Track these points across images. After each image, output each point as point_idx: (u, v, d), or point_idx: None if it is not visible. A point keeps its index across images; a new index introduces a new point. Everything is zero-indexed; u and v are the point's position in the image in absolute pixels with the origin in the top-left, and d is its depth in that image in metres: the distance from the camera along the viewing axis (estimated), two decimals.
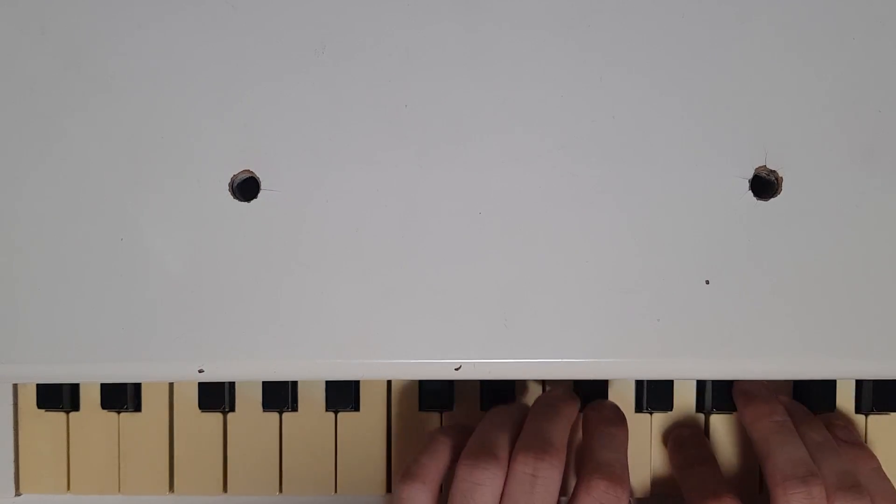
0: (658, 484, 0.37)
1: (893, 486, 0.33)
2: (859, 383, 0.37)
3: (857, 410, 0.37)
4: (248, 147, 0.30)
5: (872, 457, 0.34)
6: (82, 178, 0.30)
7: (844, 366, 0.29)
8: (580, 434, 0.35)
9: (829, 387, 0.37)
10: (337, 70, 0.30)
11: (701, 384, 0.37)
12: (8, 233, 0.30)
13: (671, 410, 0.37)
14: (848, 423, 0.37)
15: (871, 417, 0.37)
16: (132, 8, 0.30)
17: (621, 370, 0.30)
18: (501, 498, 0.30)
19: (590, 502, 0.30)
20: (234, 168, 0.30)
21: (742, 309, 0.29)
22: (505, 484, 0.30)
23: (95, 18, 0.30)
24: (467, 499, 0.30)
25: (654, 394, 0.37)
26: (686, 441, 0.36)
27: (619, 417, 0.35)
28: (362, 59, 0.30)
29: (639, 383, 0.37)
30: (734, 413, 0.36)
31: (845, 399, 0.37)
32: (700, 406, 0.37)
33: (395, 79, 0.30)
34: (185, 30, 0.30)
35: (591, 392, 0.37)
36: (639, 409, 0.37)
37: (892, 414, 0.37)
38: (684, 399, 0.37)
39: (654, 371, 0.30)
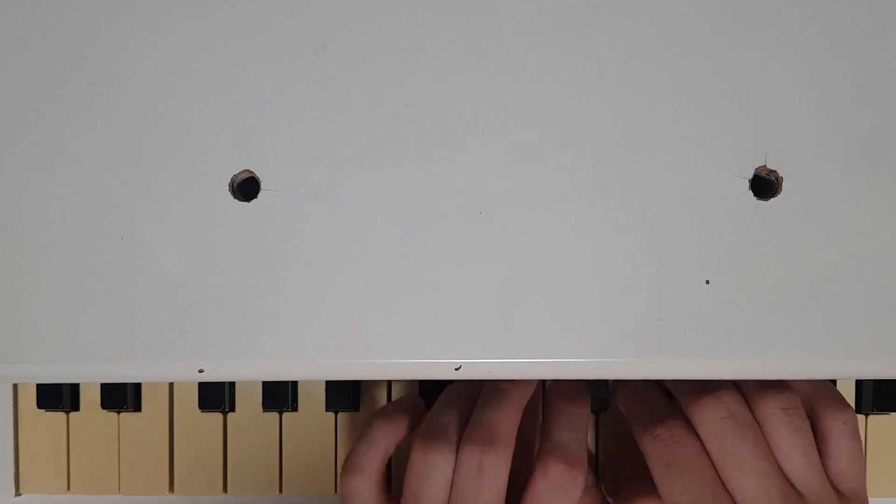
0: None
1: (835, 388, 0.32)
2: (859, 383, 0.37)
3: (857, 410, 0.37)
4: (248, 147, 0.30)
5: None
6: (82, 178, 0.30)
7: (844, 366, 0.29)
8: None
9: None
10: (337, 70, 0.30)
11: None
12: (8, 233, 0.30)
13: None
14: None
15: (871, 417, 0.37)
16: (132, 8, 0.30)
17: (621, 370, 0.30)
18: (451, 488, 0.30)
19: (546, 486, 0.30)
20: (234, 168, 0.30)
21: (742, 309, 0.29)
22: (453, 474, 0.30)
23: (95, 18, 0.30)
24: (421, 482, 0.30)
25: None
26: (633, 384, 0.36)
27: (580, 394, 0.34)
28: (362, 59, 0.30)
29: None
30: None
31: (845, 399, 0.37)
32: None
33: (395, 79, 0.30)
34: (185, 29, 0.30)
35: (592, 392, 0.37)
36: None
37: (892, 414, 0.37)
38: None
39: (654, 371, 0.30)
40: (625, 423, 0.37)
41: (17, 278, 0.30)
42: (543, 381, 0.37)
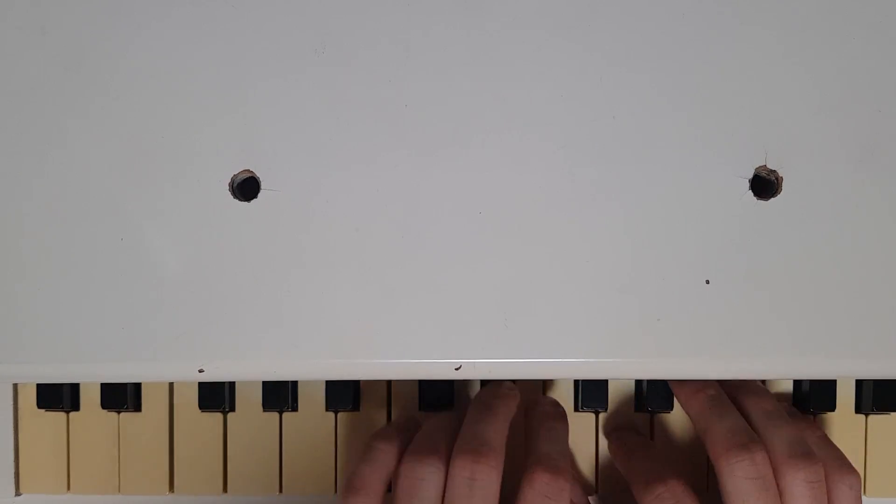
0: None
1: (841, 451, 0.33)
2: (859, 383, 0.37)
3: (857, 410, 0.37)
4: (248, 147, 0.30)
5: (818, 427, 0.35)
6: (82, 178, 0.30)
7: (844, 366, 0.29)
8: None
9: (829, 387, 0.37)
10: (337, 70, 0.30)
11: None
12: (8, 233, 0.30)
13: (671, 411, 0.37)
14: (789, 403, 0.37)
15: (871, 417, 0.37)
16: (132, 8, 0.30)
17: (621, 370, 0.30)
18: (442, 501, 0.30)
19: (533, 496, 0.30)
20: (234, 168, 0.30)
21: (742, 309, 0.29)
22: (445, 488, 0.30)
23: (96, 19, 0.30)
24: (410, 495, 0.30)
25: (655, 394, 0.37)
26: (626, 433, 0.37)
27: (558, 412, 0.35)
28: (362, 59, 0.30)
29: (638, 383, 0.37)
30: None
31: (845, 399, 0.37)
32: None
33: (395, 79, 0.30)
34: (186, 30, 0.30)
35: (592, 392, 0.37)
36: (639, 409, 0.37)
37: (892, 414, 0.37)
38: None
39: (654, 371, 0.30)
40: (624, 421, 0.37)
41: (17, 278, 0.30)
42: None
